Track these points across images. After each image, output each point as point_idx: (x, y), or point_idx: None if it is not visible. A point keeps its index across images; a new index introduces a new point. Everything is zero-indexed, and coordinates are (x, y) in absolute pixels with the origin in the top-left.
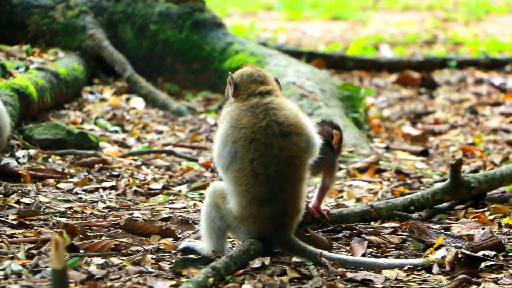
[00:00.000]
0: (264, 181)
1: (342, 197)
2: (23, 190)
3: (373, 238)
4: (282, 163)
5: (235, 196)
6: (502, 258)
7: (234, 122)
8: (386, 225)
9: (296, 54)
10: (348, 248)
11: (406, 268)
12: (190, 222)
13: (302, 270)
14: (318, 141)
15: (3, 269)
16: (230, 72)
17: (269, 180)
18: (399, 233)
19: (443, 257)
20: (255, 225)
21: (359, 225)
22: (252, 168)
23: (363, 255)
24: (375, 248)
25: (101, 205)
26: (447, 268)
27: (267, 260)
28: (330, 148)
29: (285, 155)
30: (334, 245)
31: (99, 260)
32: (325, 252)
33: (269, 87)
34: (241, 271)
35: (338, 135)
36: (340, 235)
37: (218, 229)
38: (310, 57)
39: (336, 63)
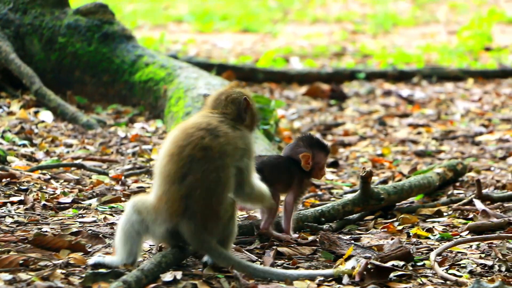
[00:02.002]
0: (178, 162)
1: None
2: None
3: (284, 249)
4: (197, 151)
5: (155, 185)
6: (410, 268)
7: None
8: (295, 235)
9: (207, 66)
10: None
11: (317, 280)
12: (100, 236)
13: (213, 282)
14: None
15: None
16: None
17: (184, 163)
18: (310, 244)
19: (353, 268)
20: (167, 207)
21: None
22: (168, 149)
23: (272, 265)
24: (286, 260)
25: (9, 220)
26: (357, 279)
27: (178, 274)
28: (298, 167)
29: (201, 145)
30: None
31: (6, 276)
32: (237, 259)
33: (219, 110)
34: (152, 285)
35: (307, 157)
36: (252, 246)
37: (136, 234)
38: (221, 69)
39: (246, 75)
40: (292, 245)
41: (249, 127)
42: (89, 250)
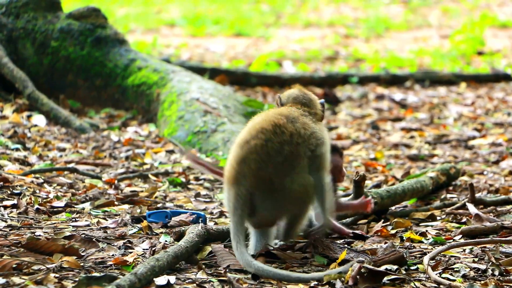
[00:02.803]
0: (248, 131)
1: None
2: None
3: (279, 253)
4: (269, 125)
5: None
6: (404, 272)
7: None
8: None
9: (199, 70)
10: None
11: (312, 284)
12: (93, 240)
13: (207, 286)
14: (325, 179)
15: None
16: (278, 94)
17: (252, 132)
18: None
19: (340, 273)
20: (227, 172)
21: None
22: (248, 126)
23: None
24: (279, 264)
25: (2, 224)
26: (350, 283)
27: (172, 278)
28: None
29: (275, 122)
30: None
31: (0, 280)
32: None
33: (310, 110)
34: None
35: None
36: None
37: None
38: (214, 73)
39: (239, 79)
40: (286, 249)
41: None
42: (82, 254)
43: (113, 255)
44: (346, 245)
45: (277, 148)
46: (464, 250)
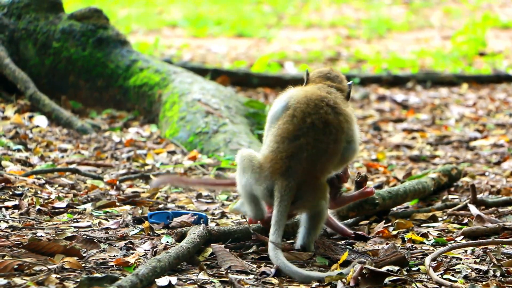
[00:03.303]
0: (297, 122)
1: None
2: None
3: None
4: (319, 120)
5: (265, 144)
6: (405, 273)
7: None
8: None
9: (201, 71)
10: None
11: (313, 285)
12: (95, 240)
13: (208, 287)
14: (357, 147)
15: None
16: (306, 70)
17: (302, 127)
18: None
19: (340, 274)
20: (271, 165)
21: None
22: (291, 112)
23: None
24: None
25: (3, 225)
26: (352, 284)
27: (173, 279)
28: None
29: (324, 118)
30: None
31: (1, 281)
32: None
33: (334, 84)
34: None
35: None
36: (250, 250)
37: (252, 195)
38: (215, 74)
39: (241, 80)
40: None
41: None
42: (84, 254)
43: (114, 256)
44: (347, 246)
45: (325, 148)
46: (466, 251)
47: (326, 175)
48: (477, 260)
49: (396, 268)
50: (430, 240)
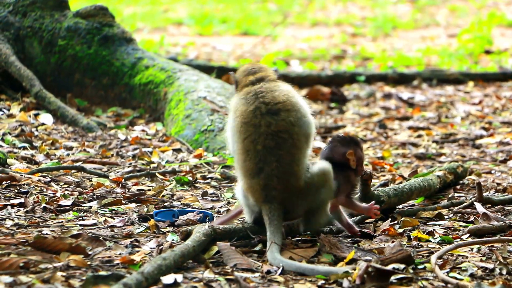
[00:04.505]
0: (252, 156)
1: None
2: None
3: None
4: (269, 138)
5: (238, 174)
6: (411, 271)
7: (233, 113)
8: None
9: (207, 69)
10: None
11: (319, 283)
12: (100, 238)
13: (214, 285)
14: (310, 118)
15: None
16: (232, 72)
17: (257, 154)
18: (311, 247)
19: (345, 272)
20: (251, 195)
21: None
22: (243, 146)
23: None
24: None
25: (9, 223)
26: (358, 282)
27: (179, 277)
28: (344, 169)
29: (271, 130)
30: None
31: (7, 279)
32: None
33: (260, 74)
34: (153, 287)
35: (353, 155)
36: (257, 248)
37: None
38: (221, 72)
39: None
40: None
41: None
42: (90, 252)
43: (120, 254)
44: (353, 244)
45: (289, 152)
46: (472, 249)
47: (303, 166)
48: (483, 258)
49: (402, 266)
50: (436, 238)
